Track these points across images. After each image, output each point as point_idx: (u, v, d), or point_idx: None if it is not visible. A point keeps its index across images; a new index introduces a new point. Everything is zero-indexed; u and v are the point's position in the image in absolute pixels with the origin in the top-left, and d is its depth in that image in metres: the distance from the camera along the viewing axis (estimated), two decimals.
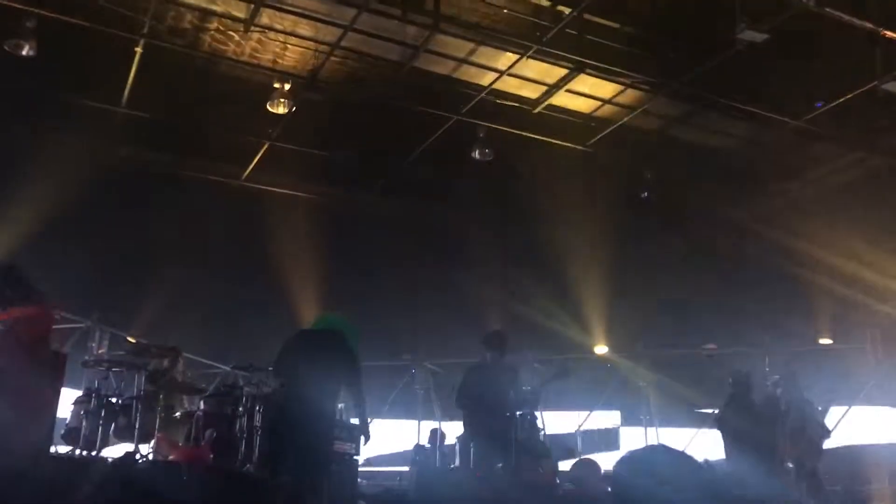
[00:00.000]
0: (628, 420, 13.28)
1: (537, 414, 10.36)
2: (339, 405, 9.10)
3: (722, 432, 8.19)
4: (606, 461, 9.74)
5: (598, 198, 11.49)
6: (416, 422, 13.37)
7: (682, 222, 11.46)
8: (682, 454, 2.29)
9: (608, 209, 11.59)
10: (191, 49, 9.07)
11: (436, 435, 11.79)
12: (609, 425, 12.82)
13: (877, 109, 9.11)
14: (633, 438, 12.71)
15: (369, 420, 6.82)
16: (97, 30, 8.27)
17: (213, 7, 8.43)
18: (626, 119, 10.12)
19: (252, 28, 8.58)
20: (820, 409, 8.49)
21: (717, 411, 8.73)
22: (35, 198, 10.07)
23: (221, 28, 8.86)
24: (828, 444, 8.37)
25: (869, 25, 8.06)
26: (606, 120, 10.27)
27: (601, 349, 13.71)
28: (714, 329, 12.97)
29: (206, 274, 10.83)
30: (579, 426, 12.23)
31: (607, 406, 13.51)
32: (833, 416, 10.30)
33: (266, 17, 8.54)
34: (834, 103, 9.41)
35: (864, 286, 11.83)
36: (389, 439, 13.28)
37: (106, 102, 9.80)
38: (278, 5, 8.32)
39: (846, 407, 11.21)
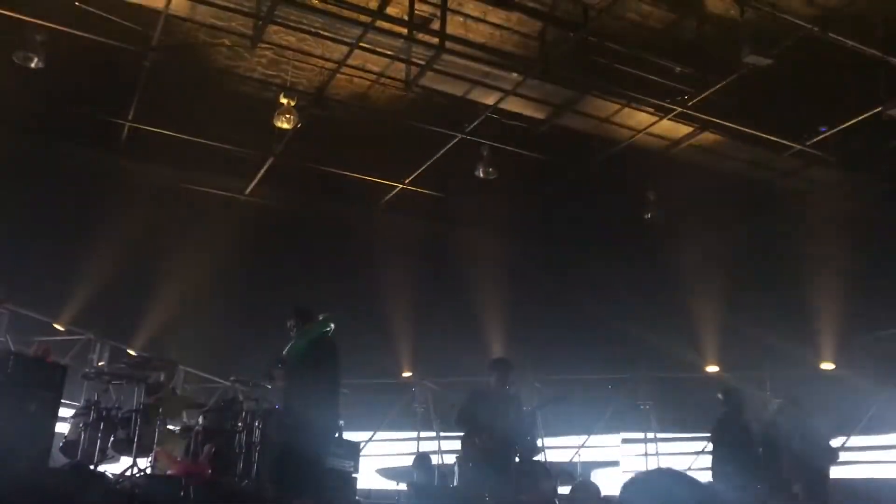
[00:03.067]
0: (629, 443, 13.20)
1: (537, 435, 10.34)
2: (341, 422, 9.07)
3: (714, 451, 8.11)
4: (606, 483, 9.68)
5: (601, 217, 11.51)
6: (416, 439, 13.33)
7: (680, 245, 11.44)
8: (690, 478, 2.27)
9: (610, 229, 11.60)
10: (198, 64, 9.14)
11: (424, 459, 11.74)
12: (609, 449, 12.72)
13: (881, 134, 9.13)
14: (634, 462, 12.63)
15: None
16: (105, 44, 8.32)
17: (221, 23, 8.49)
18: (629, 139, 10.14)
19: (259, 45, 8.64)
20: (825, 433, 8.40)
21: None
22: (38, 209, 10.12)
23: (229, 44, 8.93)
24: (843, 474, 8.26)
25: (873, 51, 8.11)
26: (610, 140, 10.30)
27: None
28: (715, 351, 12.95)
29: (207, 288, 10.84)
30: (579, 449, 12.16)
31: (607, 429, 13.44)
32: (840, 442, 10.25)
33: (273, 33, 8.60)
34: (838, 128, 9.43)
35: (868, 310, 11.81)
36: (388, 456, 13.21)
37: (111, 115, 9.84)
38: (285, 22, 8.37)
39: (845, 437, 11.16)
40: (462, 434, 7.63)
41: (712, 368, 13.11)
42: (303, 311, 7.16)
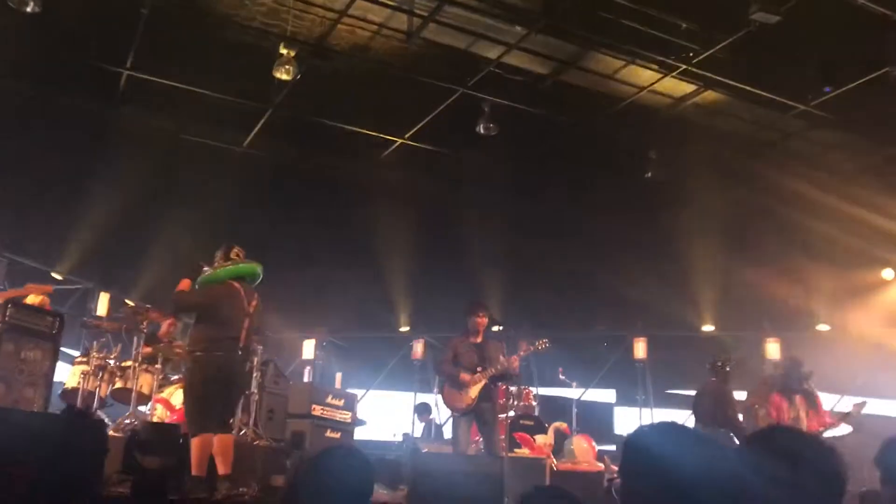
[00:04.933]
0: (623, 400, 13.35)
1: (531, 388, 10.42)
2: (339, 373, 9.09)
3: (695, 415, 8.12)
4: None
5: (600, 175, 11.46)
6: (413, 394, 13.47)
7: (685, 203, 11.40)
8: (695, 431, 2.25)
9: (609, 186, 11.56)
10: (196, 12, 8.99)
11: (425, 409, 11.87)
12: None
13: (888, 95, 9.03)
14: (628, 418, 12.77)
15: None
16: None
17: None
18: (632, 98, 10.05)
19: None
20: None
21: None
22: (37, 158, 10.06)
23: None
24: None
25: (882, 10, 7.98)
26: (613, 97, 10.20)
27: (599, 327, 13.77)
28: (713, 310, 13.02)
29: (204, 238, 10.82)
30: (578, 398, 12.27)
31: (603, 384, 13.58)
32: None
33: None
34: (844, 88, 9.33)
35: (866, 274, 11.87)
36: (384, 411, 13.37)
37: (109, 63, 9.72)
38: None
39: (838, 396, 11.26)
40: (442, 387, 7.71)
41: (708, 328, 13.20)
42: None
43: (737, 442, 7.38)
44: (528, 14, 8.76)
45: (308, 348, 13.19)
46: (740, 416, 7.90)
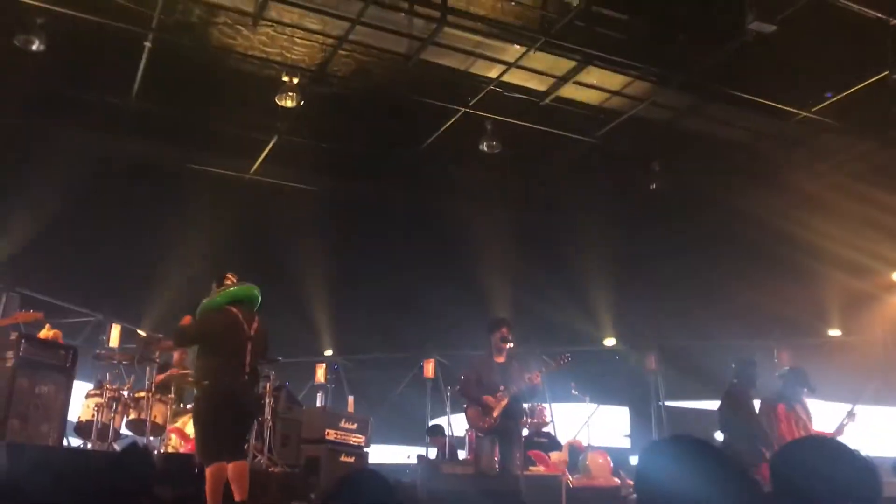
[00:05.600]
0: (637, 414, 13.29)
1: (545, 405, 10.38)
2: (351, 397, 9.09)
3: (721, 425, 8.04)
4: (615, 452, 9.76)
5: (606, 189, 11.49)
6: (426, 412, 13.43)
7: (691, 213, 11.42)
8: (710, 445, 2.26)
9: (616, 200, 11.59)
10: (199, 43, 9.10)
11: (437, 431, 11.84)
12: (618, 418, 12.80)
13: (887, 100, 9.06)
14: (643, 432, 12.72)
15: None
16: (106, 25, 8.29)
17: (222, 1, 8.45)
18: (634, 111, 10.10)
19: (260, 22, 8.60)
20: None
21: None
22: (46, 193, 10.14)
23: (230, 22, 8.88)
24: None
25: (879, 15, 8.02)
26: (615, 112, 10.26)
27: (610, 341, 13.73)
28: (722, 321, 12.96)
29: (215, 267, 10.87)
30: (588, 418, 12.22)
31: (616, 400, 13.51)
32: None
33: (274, 10, 8.56)
34: (843, 94, 9.37)
35: (876, 278, 11.81)
36: (396, 432, 13.34)
37: (115, 97, 9.83)
38: None
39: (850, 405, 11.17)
40: (466, 407, 7.67)
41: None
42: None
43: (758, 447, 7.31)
44: (526, 32, 8.84)
45: (320, 372, 13.19)
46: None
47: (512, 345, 7.59)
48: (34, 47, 8.11)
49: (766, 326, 12.41)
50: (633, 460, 10.53)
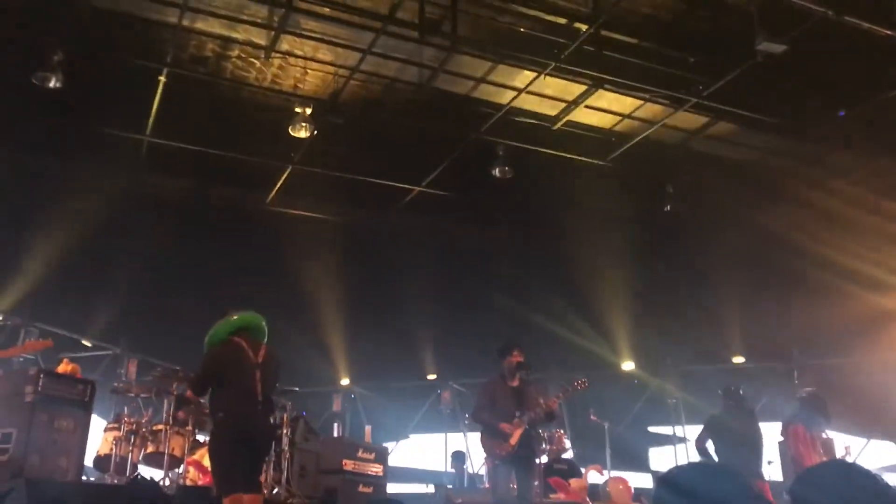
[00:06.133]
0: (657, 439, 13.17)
1: (563, 431, 10.28)
2: (367, 427, 9.05)
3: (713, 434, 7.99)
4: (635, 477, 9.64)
5: (620, 213, 11.46)
6: (443, 440, 13.35)
7: (707, 234, 11.37)
8: (727, 471, 2.23)
9: (630, 224, 11.56)
10: (213, 77, 9.22)
11: (459, 457, 11.75)
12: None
13: None
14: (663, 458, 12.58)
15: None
16: (121, 60, 8.42)
17: (234, 35, 8.57)
18: (645, 133, 10.10)
19: (272, 55, 8.71)
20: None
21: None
22: (63, 227, 10.24)
23: (243, 55, 9.00)
24: None
25: (888, 32, 8.01)
26: (626, 135, 10.27)
27: (628, 365, 13.63)
28: (741, 342, 12.86)
29: (232, 298, 10.90)
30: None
31: (635, 424, 13.39)
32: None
33: (286, 43, 8.67)
34: (855, 111, 9.34)
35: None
36: (416, 457, 13.26)
37: (131, 132, 9.94)
38: (298, 31, 8.44)
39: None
40: (480, 433, 7.52)
41: (738, 360, 13.03)
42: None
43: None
44: (536, 58, 8.89)
45: (337, 401, 13.17)
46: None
47: (527, 371, 7.42)
48: (51, 84, 8.22)
49: (787, 347, 12.30)
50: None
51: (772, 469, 8.73)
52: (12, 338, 10.94)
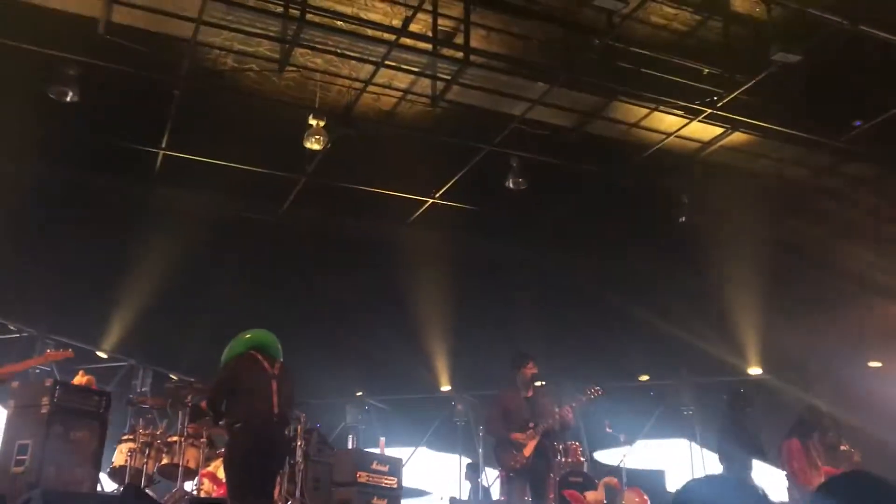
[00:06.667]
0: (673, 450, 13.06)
1: (581, 441, 10.21)
2: (382, 438, 9.02)
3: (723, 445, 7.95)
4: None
5: (635, 223, 11.42)
6: (457, 455, 13.30)
7: (723, 245, 11.30)
8: (744, 483, 2.22)
9: (645, 234, 11.51)
10: (227, 90, 9.27)
11: (474, 469, 11.69)
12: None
13: None
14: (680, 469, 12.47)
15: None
16: (137, 74, 8.47)
17: (249, 49, 8.62)
18: (659, 144, 10.07)
19: (286, 68, 8.75)
20: None
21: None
22: (77, 240, 10.32)
23: (256, 68, 9.05)
24: None
25: None
26: (642, 145, 10.23)
27: (644, 377, 13.56)
28: (757, 353, 12.75)
29: (247, 312, 10.94)
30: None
31: (652, 436, 13.31)
32: None
33: (300, 56, 8.71)
34: (873, 122, 9.27)
35: None
36: (430, 471, 13.22)
37: (145, 144, 10.00)
38: (311, 45, 8.47)
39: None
40: (494, 445, 7.47)
41: (755, 371, 12.93)
42: None
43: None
44: (549, 69, 8.89)
45: (351, 413, 13.16)
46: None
47: (542, 382, 7.40)
48: (68, 98, 8.30)
49: (803, 358, 12.19)
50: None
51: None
52: (27, 350, 11.01)
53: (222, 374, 6.13)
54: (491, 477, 11.43)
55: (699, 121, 9.54)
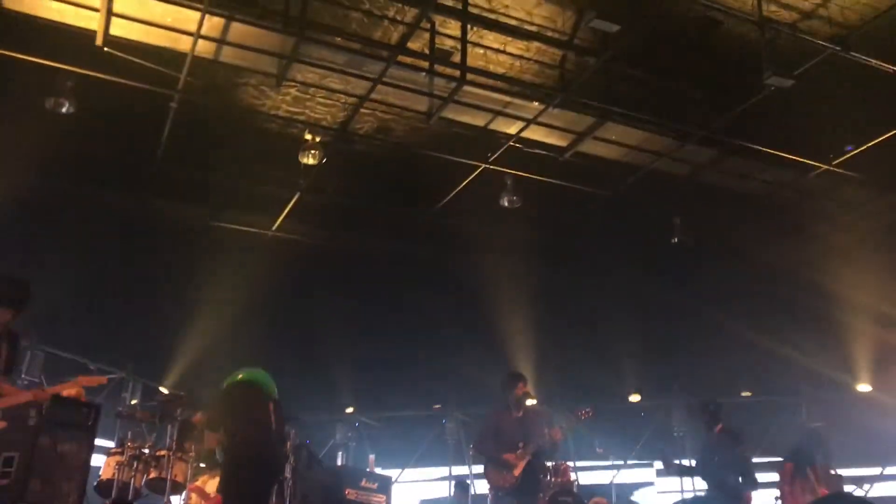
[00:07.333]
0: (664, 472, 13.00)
1: (569, 463, 10.17)
2: (372, 455, 8.95)
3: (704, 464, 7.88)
4: None
5: (628, 244, 11.46)
6: (447, 470, 13.23)
7: (715, 267, 11.34)
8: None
9: (638, 255, 11.55)
10: (224, 104, 9.29)
11: (464, 488, 11.64)
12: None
13: None
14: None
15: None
16: (133, 87, 8.48)
17: (246, 64, 8.63)
18: (653, 165, 10.11)
19: (283, 83, 8.78)
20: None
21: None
22: (71, 252, 10.27)
23: (254, 83, 9.07)
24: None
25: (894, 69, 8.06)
26: (635, 166, 10.28)
27: (635, 397, 13.53)
28: (748, 376, 12.76)
29: (237, 325, 10.91)
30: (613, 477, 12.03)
31: (642, 456, 13.27)
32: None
33: (297, 71, 8.74)
34: (864, 146, 9.35)
35: None
36: (419, 489, 13.14)
37: (140, 157, 10.00)
38: (309, 61, 8.50)
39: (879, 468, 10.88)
40: (484, 462, 7.46)
41: (745, 393, 12.93)
42: None
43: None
44: (544, 89, 8.94)
45: (341, 430, 13.09)
46: None
47: (533, 401, 7.43)
48: (63, 110, 8.30)
49: (794, 381, 12.20)
50: None
51: None
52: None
53: (223, 394, 6.29)
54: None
55: (690, 143, 9.60)
